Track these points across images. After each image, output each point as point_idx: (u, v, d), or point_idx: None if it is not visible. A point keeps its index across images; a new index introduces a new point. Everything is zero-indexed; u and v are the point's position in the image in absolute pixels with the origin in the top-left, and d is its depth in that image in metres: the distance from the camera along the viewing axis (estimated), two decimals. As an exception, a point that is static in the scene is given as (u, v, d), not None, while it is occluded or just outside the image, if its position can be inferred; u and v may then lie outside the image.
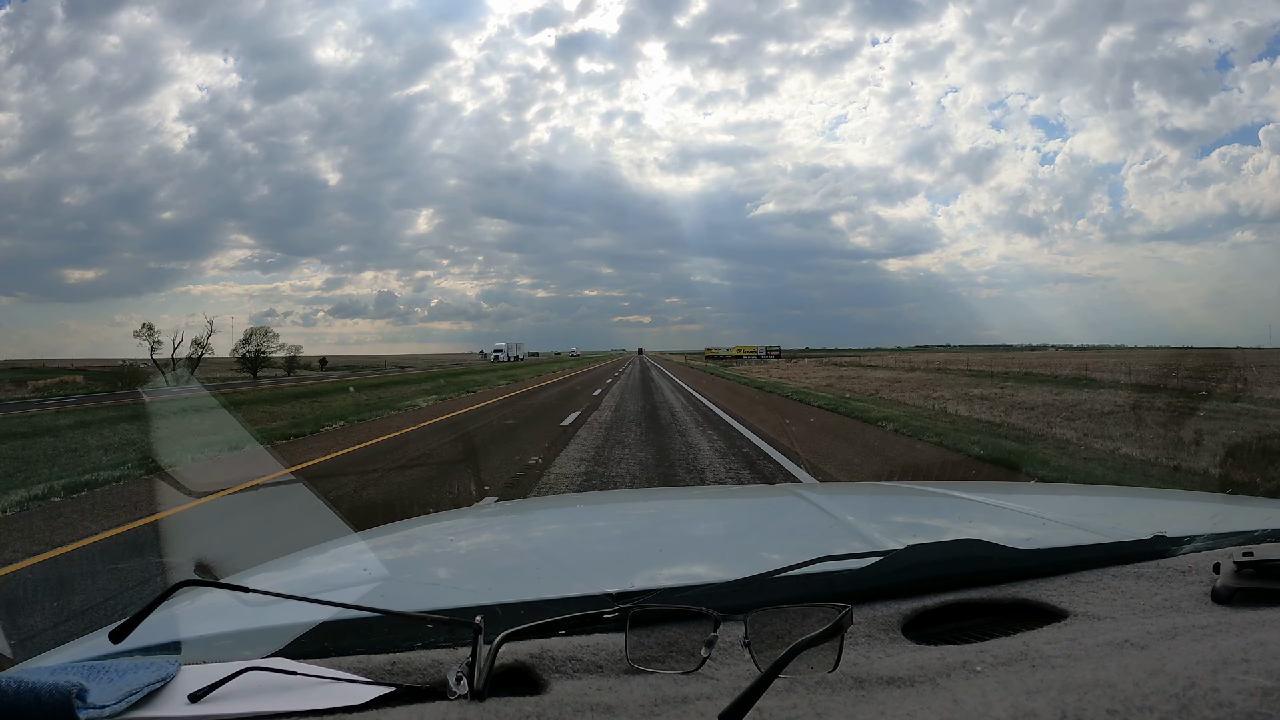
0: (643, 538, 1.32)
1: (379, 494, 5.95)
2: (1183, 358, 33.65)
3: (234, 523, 4.76)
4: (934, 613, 0.78)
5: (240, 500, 5.58)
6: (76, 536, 4.77)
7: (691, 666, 0.64)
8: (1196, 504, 1.53)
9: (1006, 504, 1.38)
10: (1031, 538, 0.99)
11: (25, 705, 0.52)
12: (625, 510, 1.64)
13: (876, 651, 0.69)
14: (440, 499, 5.79)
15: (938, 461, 7.29)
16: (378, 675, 0.64)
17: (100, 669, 0.61)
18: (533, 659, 0.66)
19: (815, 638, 0.58)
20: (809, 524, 1.28)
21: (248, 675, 0.62)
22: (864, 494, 1.89)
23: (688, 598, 0.72)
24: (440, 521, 1.49)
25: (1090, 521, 1.17)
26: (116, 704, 0.57)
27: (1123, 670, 0.54)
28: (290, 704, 0.59)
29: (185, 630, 0.74)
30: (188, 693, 0.60)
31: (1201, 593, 0.77)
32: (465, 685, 0.60)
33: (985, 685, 0.56)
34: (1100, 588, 0.80)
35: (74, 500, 6.01)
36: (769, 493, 2.44)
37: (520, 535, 1.37)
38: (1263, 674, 0.50)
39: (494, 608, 0.74)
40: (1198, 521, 1.13)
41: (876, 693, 0.58)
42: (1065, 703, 0.50)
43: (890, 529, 1.17)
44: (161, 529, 4.86)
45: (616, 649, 0.67)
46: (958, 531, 0.97)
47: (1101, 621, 0.72)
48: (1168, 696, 0.49)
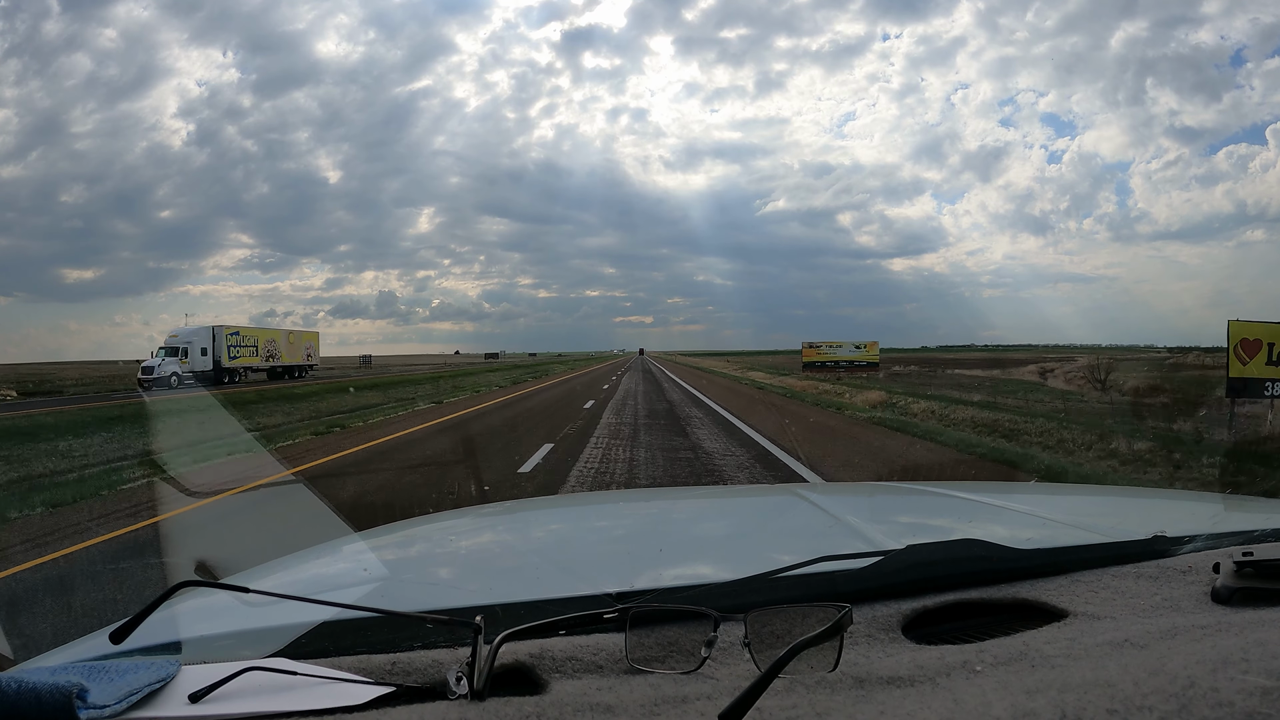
0: (643, 538, 1.32)
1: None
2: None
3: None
4: (934, 612, 0.78)
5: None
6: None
7: (691, 666, 0.64)
8: (1196, 504, 1.53)
9: (1006, 504, 1.39)
10: (1031, 537, 0.99)
11: (25, 705, 0.53)
12: (625, 510, 1.64)
13: (876, 651, 0.69)
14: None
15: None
16: (378, 675, 0.64)
17: (100, 669, 0.61)
18: (533, 659, 0.66)
19: (815, 637, 0.58)
20: (809, 524, 1.28)
21: (248, 675, 0.62)
22: (863, 494, 1.89)
23: (688, 598, 0.72)
24: (440, 521, 1.49)
25: (1090, 521, 1.17)
26: (117, 704, 0.57)
27: (1122, 670, 0.54)
28: (290, 704, 0.59)
29: (185, 630, 0.74)
30: (188, 693, 0.60)
31: (1201, 593, 0.77)
32: (465, 685, 0.60)
33: (985, 685, 0.56)
34: (1100, 587, 0.81)
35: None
36: (769, 493, 2.44)
37: (520, 535, 1.37)
38: (1262, 674, 0.50)
39: (494, 608, 0.74)
40: (1198, 521, 1.13)
41: (876, 692, 0.58)
42: (1065, 702, 0.50)
43: (890, 529, 1.17)
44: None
45: (617, 649, 0.67)
46: (958, 531, 0.97)
47: (1101, 621, 0.72)
48: (1167, 696, 0.49)
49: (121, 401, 18.32)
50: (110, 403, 18.11)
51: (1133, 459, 7.36)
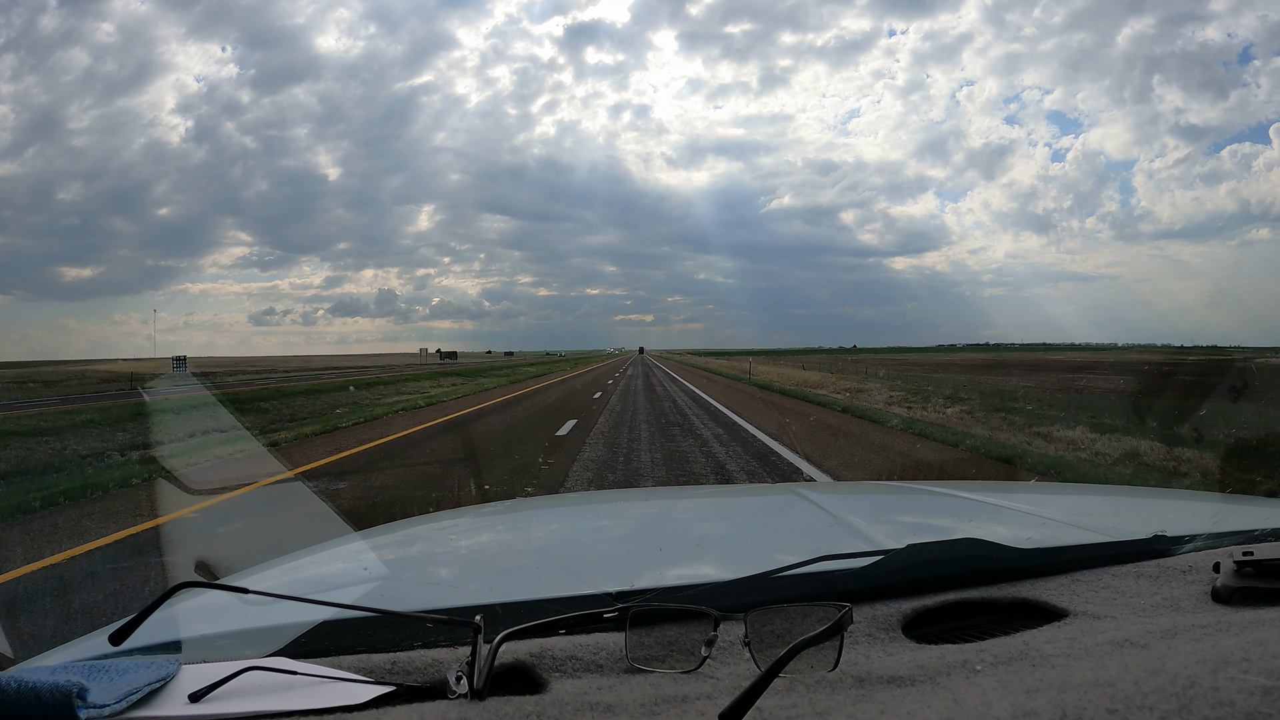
0: (643, 537, 1.33)
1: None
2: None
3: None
4: (934, 612, 0.78)
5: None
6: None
7: (691, 666, 0.64)
8: (1196, 503, 1.54)
9: (1007, 503, 1.39)
10: (1032, 537, 0.99)
11: (25, 705, 0.53)
12: (625, 510, 1.64)
13: (877, 651, 0.69)
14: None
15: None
16: (378, 675, 0.64)
17: (100, 668, 0.61)
18: (533, 658, 0.66)
19: (815, 637, 0.58)
20: (809, 523, 1.28)
21: (248, 675, 0.62)
22: (864, 493, 1.89)
23: (688, 597, 0.72)
24: (440, 521, 1.49)
25: (1090, 521, 1.17)
26: (117, 704, 0.57)
27: (1123, 669, 0.54)
28: (290, 703, 0.59)
29: (185, 630, 0.74)
30: (188, 692, 0.60)
31: (1201, 592, 0.77)
32: (465, 684, 0.60)
33: (985, 684, 0.56)
34: (1100, 587, 0.81)
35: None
36: (770, 492, 2.45)
37: (520, 534, 1.37)
38: (1263, 673, 0.50)
39: (494, 607, 0.75)
40: (1198, 521, 1.13)
41: (877, 692, 0.58)
42: (1065, 702, 0.50)
43: (890, 528, 1.17)
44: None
45: (617, 648, 0.67)
46: (958, 531, 0.97)
47: (1102, 621, 0.72)
48: (1168, 696, 0.49)
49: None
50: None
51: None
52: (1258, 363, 24.09)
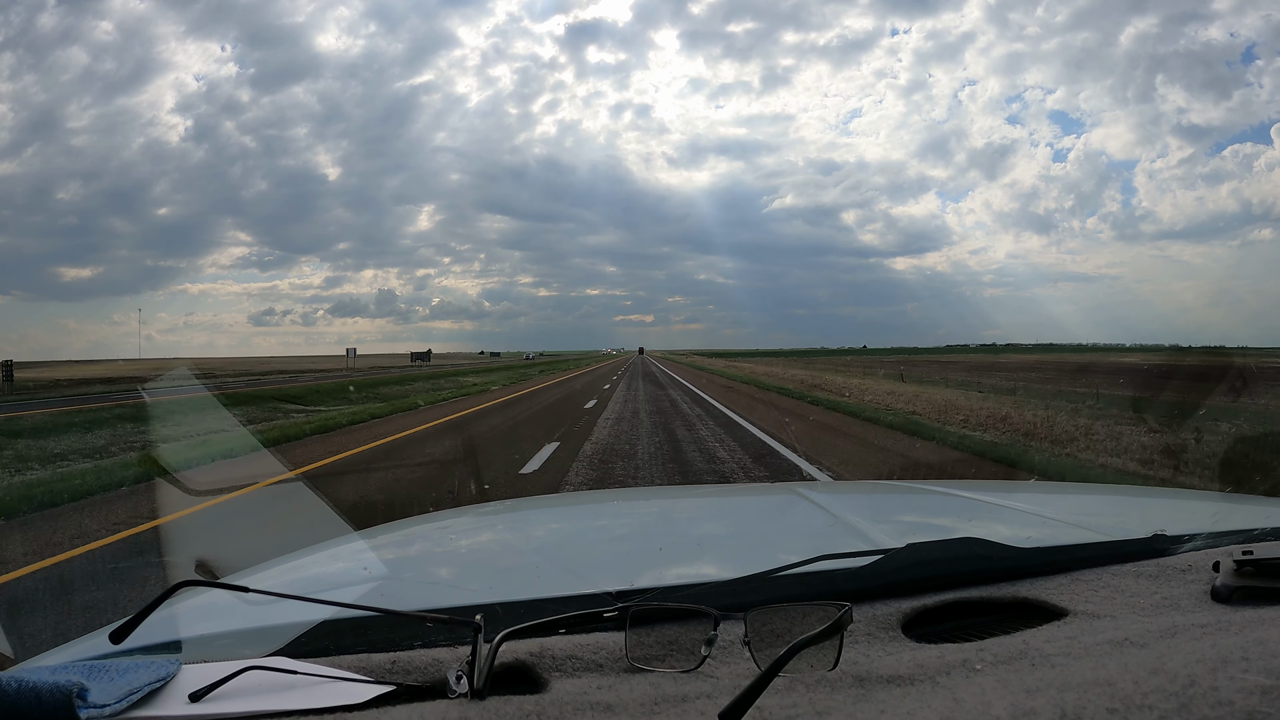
0: (643, 537, 1.33)
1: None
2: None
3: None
4: (934, 611, 0.78)
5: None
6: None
7: (691, 665, 0.64)
8: (1196, 503, 1.54)
9: (1006, 503, 1.39)
10: (1032, 536, 0.99)
11: (25, 704, 0.52)
12: (625, 509, 1.64)
13: (876, 650, 0.69)
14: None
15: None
16: (378, 674, 0.64)
17: (101, 668, 0.61)
18: (533, 658, 0.66)
19: (815, 636, 0.58)
20: (809, 522, 1.28)
21: (248, 674, 0.62)
22: (864, 493, 1.89)
23: (687, 596, 0.72)
24: (440, 520, 1.49)
25: (1090, 520, 1.17)
26: (117, 703, 0.57)
27: (1122, 669, 0.54)
28: (290, 703, 0.59)
29: (185, 630, 0.74)
30: (188, 692, 0.60)
31: (1201, 591, 0.77)
32: (465, 684, 0.60)
33: (985, 684, 0.56)
34: (1100, 586, 0.81)
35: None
36: (769, 491, 2.44)
37: (520, 534, 1.37)
38: (1262, 672, 0.50)
39: (494, 606, 0.75)
40: (1198, 520, 1.13)
41: (876, 691, 0.58)
42: (1065, 701, 0.50)
43: (890, 528, 1.17)
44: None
45: (617, 648, 0.67)
46: (958, 530, 0.97)
47: (1101, 620, 0.72)
48: (1167, 695, 0.49)
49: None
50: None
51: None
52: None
